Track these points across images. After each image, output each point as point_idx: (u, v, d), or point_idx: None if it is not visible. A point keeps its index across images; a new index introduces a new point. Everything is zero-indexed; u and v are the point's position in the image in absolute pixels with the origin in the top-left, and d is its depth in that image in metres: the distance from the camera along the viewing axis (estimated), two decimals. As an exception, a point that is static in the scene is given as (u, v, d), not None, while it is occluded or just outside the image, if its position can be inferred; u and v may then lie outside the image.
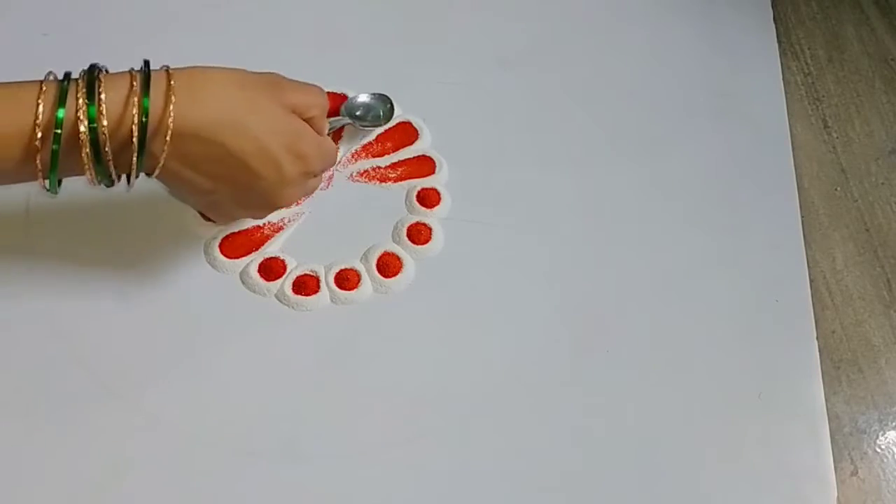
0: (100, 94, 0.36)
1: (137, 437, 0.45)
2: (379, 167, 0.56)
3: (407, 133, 0.58)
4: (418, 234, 0.54)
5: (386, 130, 0.58)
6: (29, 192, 0.37)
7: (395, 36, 0.64)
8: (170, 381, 0.47)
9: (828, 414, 0.52)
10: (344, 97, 0.58)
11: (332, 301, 0.51)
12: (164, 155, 0.38)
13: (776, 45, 0.69)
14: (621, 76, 0.65)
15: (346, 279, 0.52)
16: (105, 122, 0.36)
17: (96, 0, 0.61)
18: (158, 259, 0.51)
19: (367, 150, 0.57)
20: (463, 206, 0.56)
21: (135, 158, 0.37)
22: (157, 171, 0.39)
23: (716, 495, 0.49)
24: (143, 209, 0.52)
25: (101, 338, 0.48)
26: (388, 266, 0.52)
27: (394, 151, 0.57)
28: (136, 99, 0.36)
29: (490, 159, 0.59)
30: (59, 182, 0.38)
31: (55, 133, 0.35)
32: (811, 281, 0.57)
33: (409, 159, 0.57)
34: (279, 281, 0.51)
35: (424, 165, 0.57)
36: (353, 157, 0.57)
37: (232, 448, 0.46)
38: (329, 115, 0.48)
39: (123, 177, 0.39)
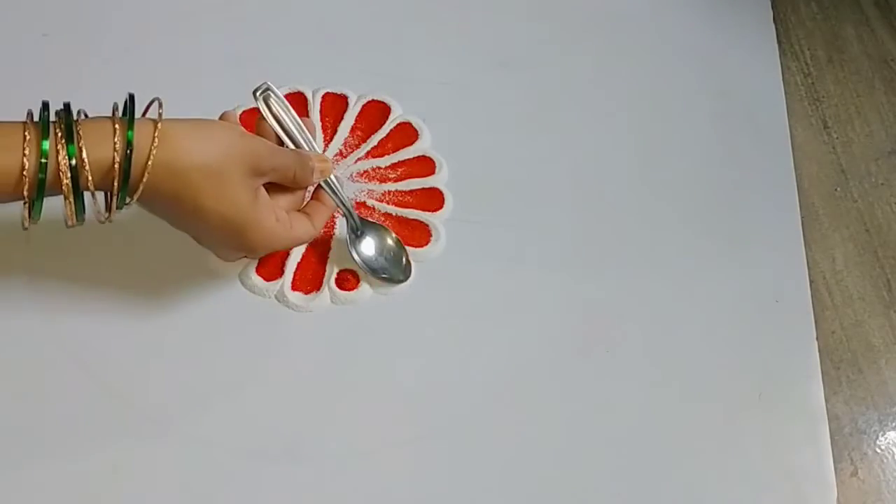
0: (78, 132, 0.38)
1: (137, 437, 0.45)
2: (379, 167, 0.56)
3: (407, 133, 0.58)
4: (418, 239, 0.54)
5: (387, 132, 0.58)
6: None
7: (395, 36, 0.64)
8: (169, 382, 0.47)
9: (828, 414, 0.52)
10: (344, 97, 0.58)
11: (332, 301, 0.51)
12: (142, 183, 0.39)
13: (776, 45, 0.69)
14: (621, 76, 0.65)
15: (346, 279, 0.52)
16: (87, 161, 0.38)
17: (96, 0, 0.60)
18: (157, 261, 0.51)
19: (368, 151, 0.57)
20: (463, 206, 0.56)
21: (116, 185, 0.39)
22: (137, 195, 0.40)
23: (716, 495, 0.49)
24: (142, 211, 0.52)
25: (101, 339, 0.48)
26: (388, 266, 0.52)
27: (394, 152, 0.57)
28: (117, 139, 0.38)
29: (490, 159, 0.59)
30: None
31: (39, 178, 0.38)
32: (811, 281, 0.57)
33: (409, 159, 0.57)
34: (279, 281, 0.51)
35: (424, 165, 0.57)
36: (352, 157, 0.57)
37: (232, 448, 0.46)
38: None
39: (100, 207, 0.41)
